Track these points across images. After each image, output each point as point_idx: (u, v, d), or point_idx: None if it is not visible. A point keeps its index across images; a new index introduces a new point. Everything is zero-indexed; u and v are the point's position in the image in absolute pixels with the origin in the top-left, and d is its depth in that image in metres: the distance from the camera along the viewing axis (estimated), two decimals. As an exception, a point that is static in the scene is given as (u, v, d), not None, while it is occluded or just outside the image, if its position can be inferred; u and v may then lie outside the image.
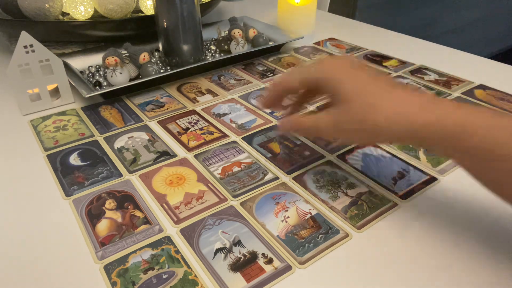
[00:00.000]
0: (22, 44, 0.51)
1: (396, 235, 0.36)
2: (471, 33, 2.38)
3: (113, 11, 0.70)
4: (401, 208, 0.39)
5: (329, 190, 0.41)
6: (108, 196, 0.41)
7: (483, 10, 2.35)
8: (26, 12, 0.67)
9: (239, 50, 0.68)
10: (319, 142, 0.48)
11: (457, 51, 0.73)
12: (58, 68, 0.55)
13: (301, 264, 0.33)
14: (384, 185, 0.41)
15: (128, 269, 0.33)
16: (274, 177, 0.43)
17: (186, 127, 0.52)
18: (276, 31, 0.76)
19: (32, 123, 0.53)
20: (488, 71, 0.65)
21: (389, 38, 0.81)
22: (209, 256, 0.34)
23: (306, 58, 0.71)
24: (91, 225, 0.37)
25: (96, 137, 0.50)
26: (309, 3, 0.76)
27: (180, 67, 0.62)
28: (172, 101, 0.58)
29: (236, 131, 0.51)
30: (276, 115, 0.54)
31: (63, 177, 0.43)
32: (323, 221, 0.37)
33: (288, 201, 0.39)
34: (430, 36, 1.56)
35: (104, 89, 0.57)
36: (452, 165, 0.44)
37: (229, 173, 0.43)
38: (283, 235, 0.36)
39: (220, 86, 0.62)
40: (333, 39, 0.80)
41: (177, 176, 0.43)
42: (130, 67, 0.61)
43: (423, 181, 0.42)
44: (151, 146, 0.48)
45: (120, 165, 0.45)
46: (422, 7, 2.03)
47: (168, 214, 0.38)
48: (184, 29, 0.62)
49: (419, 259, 0.33)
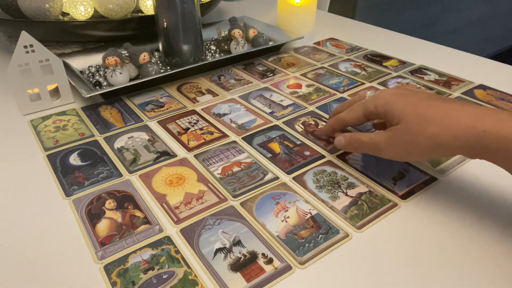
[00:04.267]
0: (22, 44, 0.51)
1: (396, 235, 0.36)
2: (471, 33, 2.38)
3: (113, 11, 0.70)
4: (401, 208, 0.39)
5: (329, 190, 0.41)
6: (108, 196, 0.41)
7: (483, 10, 2.35)
8: (26, 12, 0.67)
9: (239, 50, 0.68)
10: (320, 142, 0.48)
11: (457, 51, 0.73)
12: (58, 68, 0.55)
13: (301, 264, 0.33)
14: (384, 185, 0.41)
15: (128, 269, 0.33)
16: (274, 177, 0.43)
17: (186, 127, 0.52)
18: (276, 31, 0.76)
19: (32, 123, 0.53)
20: (488, 71, 0.65)
21: (389, 38, 0.81)
22: (209, 256, 0.34)
23: (306, 58, 0.71)
24: (91, 225, 0.37)
25: (96, 137, 0.50)
26: (309, 3, 0.76)
27: (180, 67, 0.62)
28: (172, 101, 0.58)
29: (236, 131, 0.51)
30: (276, 115, 0.54)
31: (63, 177, 0.43)
32: (323, 221, 0.37)
33: (288, 201, 0.39)
34: (430, 36, 1.56)
35: (104, 89, 0.57)
36: (452, 165, 0.44)
37: (229, 173, 0.43)
38: (283, 235, 0.36)
39: (220, 86, 0.62)
40: (333, 39, 0.80)
41: (177, 176, 0.43)
42: (130, 67, 0.61)
43: (423, 181, 0.42)
44: (151, 146, 0.48)
45: (120, 165, 0.45)
46: (422, 7, 2.03)
47: (168, 214, 0.38)
48: (184, 29, 0.62)
49: (419, 259, 0.33)
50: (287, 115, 0.54)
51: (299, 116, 0.54)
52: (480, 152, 0.33)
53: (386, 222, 0.37)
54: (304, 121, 0.52)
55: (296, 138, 0.49)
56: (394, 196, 0.40)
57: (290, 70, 0.67)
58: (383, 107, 0.39)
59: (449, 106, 0.35)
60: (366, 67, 0.67)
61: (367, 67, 0.67)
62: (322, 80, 0.63)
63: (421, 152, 0.37)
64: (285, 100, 0.58)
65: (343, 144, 0.43)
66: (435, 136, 0.35)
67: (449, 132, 0.34)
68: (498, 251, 0.34)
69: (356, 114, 0.42)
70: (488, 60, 0.69)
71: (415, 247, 0.35)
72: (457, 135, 0.33)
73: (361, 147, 0.41)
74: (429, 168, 0.44)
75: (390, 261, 0.33)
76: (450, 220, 0.37)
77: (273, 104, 0.57)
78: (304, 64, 0.69)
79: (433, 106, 0.36)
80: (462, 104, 0.36)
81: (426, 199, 0.40)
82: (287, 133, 0.50)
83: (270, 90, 0.60)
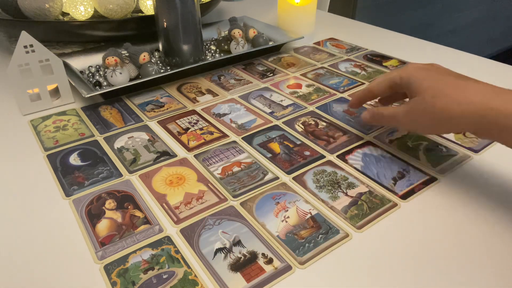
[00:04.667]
0: (22, 44, 0.51)
1: (396, 235, 0.36)
2: (471, 33, 2.38)
3: (113, 11, 0.70)
4: (401, 208, 0.39)
5: (329, 190, 0.41)
6: (108, 196, 0.41)
7: (483, 10, 2.35)
8: (26, 12, 0.67)
9: (239, 50, 0.68)
10: (320, 142, 0.48)
11: (457, 51, 0.73)
12: (58, 68, 0.55)
13: (301, 264, 0.33)
14: (384, 185, 0.41)
15: (128, 269, 0.33)
16: (274, 177, 0.43)
17: (186, 127, 0.52)
18: (276, 31, 0.76)
19: (32, 123, 0.53)
20: (488, 71, 0.65)
21: (389, 38, 0.81)
22: (209, 256, 0.34)
23: (306, 58, 0.71)
24: (91, 225, 0.37)
25: (96, 137, 0.50)
26: (309, 3, 0.76)
27: (180, 67, 0.62)
28: (172, 101, 0.58)
29: (236, 131, 0.51)
30: (276, 115, 0.54)
31: (63, 177, 0.43)
32: (323, 221, 0.37)
33: (288, 201, 0.39)
34: (430, 36, 1.56)
35: (104, 89, 0.57)
36: (452, 165, 0.44)
37: (229, 173, 0.43)
38: (283, 235, 0.36)
39: (220, 86, 0.62)
40: (333, 39, 0.80)
41: (177, 176, 0.43)
42: (130, 67, 0.61)
43: (423, 181, 0.42)
44: (151, 146, 0.48)
45: (120, 165, 0.45)
46: (422, 7, 2.03)
47: (168, 214, 0.38)
48: (184, 29, 0.62)
49: (419, 259, 0.33)
50: (287, 115, 0.54)
51: (299, 116, 0.54)
52: (486, 129, 0.35)
53: (386, 222, 0.37)
54: (304, 121, 0.52)
55: (296, 138, 0.49)
56: (394, 196, 0.40)
57: (290, 70, 0.67)
58: (406, 79, 0.41)
59: (463, 83, 0.37)
60: (366, 67, 0.67)
61: (367, 67, 0.67)
62: (322, 80, 0.63)
63: (434, 124, 0.39)
64: (285, 100, 0.58)
65: (368, 118, 0.46)
66: (444, 109, 0.36)
67: (457, 106, 0.36)
68: (498, 250, 0.34)
69: (383, 85, 0.44)
70: (488, 60, 0.69)
71: (415, 247, 0.35)
72: (464, 110, 0.35)
73: (382, 120, 0.45)
74: (429, 168, 0.44)
75: (390, 261, 0.33)
76: (450, 220, 0.37)
77: (273, 104, 0.57)
78: (304, 64, 0.69)
79: (449, 82, 0.38)
80: (477, 82, 0.37)
81: (426, 199, 0.40)
82: (287, 133, 0.50)
83: (270, 90, 0.60)
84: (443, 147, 0.47)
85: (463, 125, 0.36)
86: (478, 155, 0.46)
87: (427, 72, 0.40)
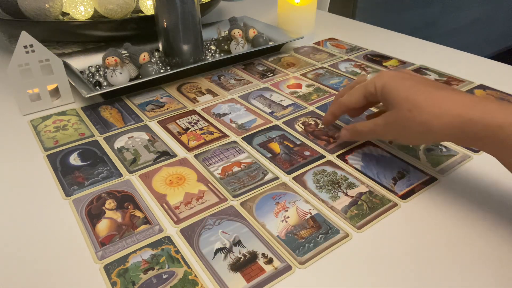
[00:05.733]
0: (22, 44, 0.51)
1: (396, 235, 0.36)
2: (471, 33, 2.38)
3: (113, 11, 0.70)
4: (401, 208, 0.39)
5: (329, 190, 0.41)
6: (108, 196, 0.41)
7: (483, 10, 2.35)
8: (26, 12, 0.67)
9: (239, 50, 0.68)
10: (320, 142, 0.48)
11: (457, 51, 0.73)
12: (58, 68, 0.55)
13: (301, 264, 0.33)
14: (384, 185, 0.41)
15: (128, 269, 0.33)
16: (274, 177, 0.43)
17: (186, 127, 0.52)
18: (276, 31, 0.76)
19: (32, 123, 0.53)
20: (488, 71, 0.65)
21: (389, 38, 0.81)
22: (209, 256, 0.34)
23: (306, 58, 0.71)
24: (91, 225, 0.37)
25: (96, 137, 0.50)
26: (309, 3, 0.76)
27: (180, 67, 0.62)
28: (172, 101, 0.58)
29: (236, 131, 0.51)
30: (276, 115, 0.54)
31: (63, 177, 0.43)
32: (323, 221, 0.37)
33: (288, 201, 0.39)
34: (430, 36, 1.56)
35: (104, 89, 0.57)
36: (452, 165, 0.44)
37: (229, 173, 0.43)
38: (283, 235, 0.36)
39: (220, 86, 0.62)
40: (333, 39, 0.80)
41: (177, 176, 0.43)
42: (130, 67, 0.61)
43: (423, 181, 0.42)
44: (151, 146, 0.48)
45: (120, 165, 0.45)
46: (422, 7, 2.03)
47: (168, 214, 0.38)
48: (184, 29, 0.62)
49: (419, 259, 0.33)
50: (287, 115, 0.54)
51: (299, 116, 0.54)
52: (467, 139, 0.34)
53: (386, 222, 0.37)
54: (304, 121, 0.52)
55: (296, 138, 0.49)
56: (394, 196, 0.40)
57: (290, 70, 0.67)
58: (381, 89, 0.40)
59: (440, 94, 0.36)
60: (366, 67, 0.67)
61: (367, 67, 0.67)
62: (322, 80, 0.63)
63: (414, 137, 0.38)
64: (285, 100, 0.58)
65: (348, 136, 0.45)
66: (422, 123, 0.36)
67: (436, 120, 0.35)
68: (498, 250, 0.34)
69: (356, 96, 0.43)
70: (488, 60, 0.69)
71: (415, 247, 0.35)
72: (444, 122, 0.35)
73: (362, 136, 0.44)
74: (429, 168, 0.44)
75: (390, 261, 0.33)
76: (450, 220, 0.37)
77: (273, 104, 0.57)
78: (304, 64, 0.69)
79: (425, 93, 0.37)
80: (454, 92, 0.36)
81: (426, 199, 0.40)
82: (287, 133, 0.50)
83: (270, 90, 0.60)
84: (443, 147, 0.47)
85: (443, 137, 0.36)
86: (478, 155, 0.46)
87: (403, 82, 0.39)
